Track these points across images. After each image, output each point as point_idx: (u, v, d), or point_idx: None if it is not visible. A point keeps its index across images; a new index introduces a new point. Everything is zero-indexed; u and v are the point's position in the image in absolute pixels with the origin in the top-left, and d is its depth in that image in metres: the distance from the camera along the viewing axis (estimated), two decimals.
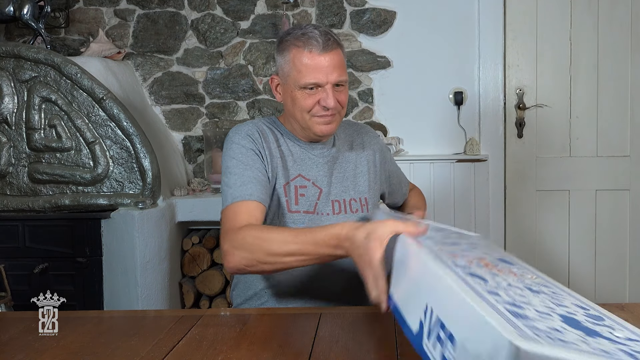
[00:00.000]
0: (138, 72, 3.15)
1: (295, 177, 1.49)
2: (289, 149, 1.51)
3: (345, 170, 1.56)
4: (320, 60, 1.40)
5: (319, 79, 1.40)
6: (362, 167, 1.59)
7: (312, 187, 1.50)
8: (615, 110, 3.06)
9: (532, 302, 0.72)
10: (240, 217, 1.32)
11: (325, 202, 1.50)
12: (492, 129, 3.07)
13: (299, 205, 1.48)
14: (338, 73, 1.42)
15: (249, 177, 1.39)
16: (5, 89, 2.50)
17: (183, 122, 3.17)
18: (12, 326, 1.09)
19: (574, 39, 3.05)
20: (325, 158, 1.53)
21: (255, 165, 1.42)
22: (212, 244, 2.84)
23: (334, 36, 1.43)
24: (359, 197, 1.55)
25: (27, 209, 2.51)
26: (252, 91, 3.13)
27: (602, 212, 3.10)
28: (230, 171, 1.41)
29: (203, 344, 0.97)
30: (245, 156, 1.43)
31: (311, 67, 1.40)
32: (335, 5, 3.07)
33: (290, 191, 1.48)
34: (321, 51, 1.40)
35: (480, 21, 3.02)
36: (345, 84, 1.45)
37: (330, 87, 1.41)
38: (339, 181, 1.54)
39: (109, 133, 2.49)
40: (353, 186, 1.55)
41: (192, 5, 3.12)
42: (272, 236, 1.18)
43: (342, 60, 1.44)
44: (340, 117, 1.49)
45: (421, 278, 0.80)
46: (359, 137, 1.64)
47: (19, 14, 2.72)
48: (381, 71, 3.08)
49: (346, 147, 1.60)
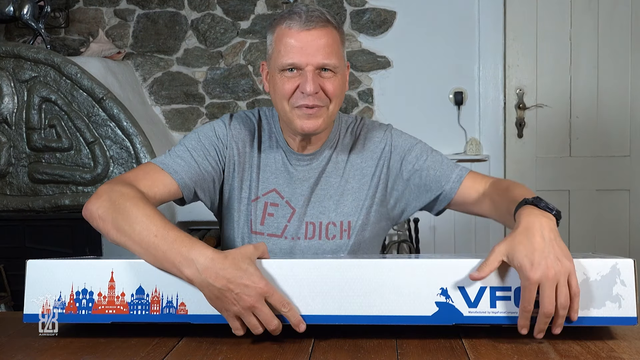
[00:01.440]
0: (138, 72, 3.15)
1: (268, 192, 1.31)
2: (272, 156, 1.32)
3: (330, 187, 1.32)
4: (301, 37, 1.19)
5: (296, 59, 1.19)
6: (354, 182, 1.32)
7: (285, 206, 1.30)
8: (615, 110, 3.06)
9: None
10: (144, 180, 1.17)
11: (297, 224, 1.30)
12: (492, 129, 3.07)
13: (265, 226, 1.30)
14: (323, 54, 1.19)
15: (189, 158, 1.25)
16: (5, 89, 2.50)
17: (183, 122, 3.17)
18: (12, 326, 1.09)
19: (574, 39, 3.05)
20: (311, 171, 1.32)
21: (206, 159, 1.28)
22: (212, 244, 2.84)
23: (326, 14, 1.22)
24: (339, 221, 1.30)
25: (27, 209, 2.51)
26: (252, 91, 3.13)
27: (602, 212, 3.10)
28: (183, 142, 1.29)
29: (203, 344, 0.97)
30: (205, 144, 1.29)
31: (289, 45, 1.19)
32: (335, 5, 3.07)
33: (258, 209, 1.30)
34: (301, 27, 1.19)
35: (480, 21, 3.03)
36: (335, 70, 1.22)
37: (312, 71, 1.19)
38: (318, 200, 1.31)
39: (109, 133, 2.49)
40: (335, 207, 1.31)
41: (192, 5, 3.12)
42: (135, 214, 1.02)
43: (331, 40, 1.21)
44: (328, 113, 1.24)
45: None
46: (361, 140, 1.36)
47: (19, 14, 2.72)
48: (381, 71, 3.08)
49: (343, 156, 1.34)
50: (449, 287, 0.94)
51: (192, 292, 0.96)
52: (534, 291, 0.89)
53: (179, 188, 1.24)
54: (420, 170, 1.31)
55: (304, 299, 0.96)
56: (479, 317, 0.94)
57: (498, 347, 0.93)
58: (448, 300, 0.94)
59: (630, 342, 0.94)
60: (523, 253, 0.89)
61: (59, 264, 1.01)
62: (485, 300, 0.93)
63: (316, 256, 1.03)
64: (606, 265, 0.93)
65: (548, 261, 0.88)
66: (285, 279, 0.96)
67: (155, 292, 0.98)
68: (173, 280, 0.97)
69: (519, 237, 0.91)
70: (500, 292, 0.94)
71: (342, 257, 1.00)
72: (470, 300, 0.94)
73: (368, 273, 0.95)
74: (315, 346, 0.96)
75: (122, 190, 1.09)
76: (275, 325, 0.93)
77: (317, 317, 0.96)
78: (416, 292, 0.94)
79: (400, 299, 0.94)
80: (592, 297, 0.92)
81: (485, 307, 0.94)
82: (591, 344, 0.94)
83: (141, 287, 0.98)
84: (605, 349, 0.92)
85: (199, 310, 0.97)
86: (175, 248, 0.95)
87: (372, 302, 0.95)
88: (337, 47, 1.23)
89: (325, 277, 0.96)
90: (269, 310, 0.92)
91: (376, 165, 1.33)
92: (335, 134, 1.35)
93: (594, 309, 0.92)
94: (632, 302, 0.92)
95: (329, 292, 0.95)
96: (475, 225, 3.04)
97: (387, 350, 0.93)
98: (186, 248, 0.95)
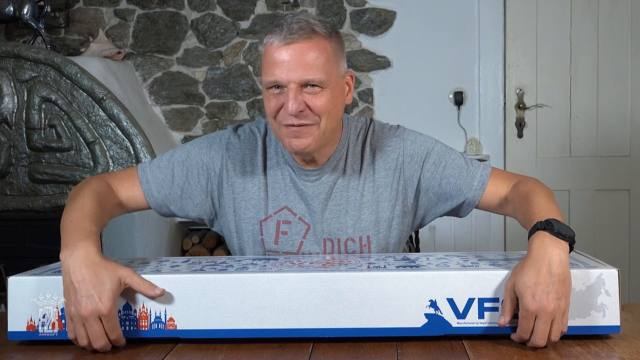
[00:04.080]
0: (138, 72, 3.15)
1: (279, 210, 1.26)
2: (280, 172, 1.27)
3: (347, 201, 1.25)
4: (281, 53, 1.12)
5: (277, 76, 1.13)
6: (369, 195, 1.26)
7: (298, 222, 1.26)
8: (615, 110, 3.06)
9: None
10: (122, 183, 1.25)
11: (313, 241, 1.26)
12: (492, 129, 3.07)
13: (279, 244, 1.26)
14: (305, 70, 1.12)
15: (168, 173, 1.27)
16: (5, 89, 2.50)
17: (183, 122, 3.17)
18: None
19: (574, 39, 3.05)
20: (321, 186, 1.25)
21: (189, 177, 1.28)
22: (212, 244, 2.84)
23: (313, 23, 1.14)
24: (358, 236, 1.25)
25: (27, 209, 2.51)
26: (252, 91, 3.13)
27: (602, 212, 3.10)
28: (173, 153, 1.30)
29: (203, 344, 0.97)
30: (190, 164, 1.28)
31: (271, 62, 1.13)
32: (335, 5, 3.07)
33: (270, 227, 1.26)
34: (281, 41, 1.12)
35: (480, 21, 3.02)
36: (322, 85, 1.14)
37: (294, 89, 1.12)
38: (335, 216, 1.25)
39: (109, 133, 2.49)
40: (354, 222, 1.25)
41: (192, 5, 3.12)
42: (78, 201, 1.10)
43: (317, 53, 1.13)
44: (320, 130, 1.16)
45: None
46: (373, 149, 1.28)
47: (19, 14, 2.72)
48: (381, 71, 3.08)
49: (355, 167, 1.27)
50: (437, 299, 0.95)
51: (181, 307, 0.97)
52: (532, 322, 0.90)
53: (145, 199, 1.28)
54: (440, 178, 1.27)
55: (294, 313, 0.96)
56: (468, 327, 0.95)
57: (498, 347, 0.93)
58: (437, 312, 0.95)
59: (631, 342, 0.95)
60: (527, 284, 0.90)
61: (42, 280, 0.98)
62: (474, 311, 0.95)
63: (304, 268, 1.01)
64: (591, 276, 0.95)
65: (549, 297, 0.89)
66: (274, 294, 0.96)
67: (143, 308, 0.97)
68: (161, 298, 0.97)
69: (526, 268, 0.91)
70: (489, 303, 0.96)
71: (331, 270, 0.99)
72: (459, 312, 0.95)
73: (357, 286, 0.96)
74: (315, 346, 0.96)
75: (93, 182, 1.20)
76: (101, 345, 0.93)
77: (307, 330, 0.96)
78: (406, 305, 0.95)
79: (390, 311, 0.95)
80: (578, 307, 0.94)
81: (473, 318, 0.95)
82: (591, 344, 0.94)
83: (128, 303, 0.98)
84: (605, 349, 0.92)
85: (189, 326, 0.97)
86: (73, 233, 1.00)
87: (362, 315, 0.95)
88: (326, 60, 1.14)
89: (315, 291, 0.96)
90: (99, 329, 0.92)
91: (392, 176, 1.27)
92: (344, 143, 1.27)
93: (579, 318, 0.94)
94: (615, 312, 0.94)
95: (319, 306, 0.96)
96: (475, 225, 3.04)
97: (387, 350, 0.93)
98: (79, 237, 0.98)
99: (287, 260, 1.09)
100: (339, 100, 1.20)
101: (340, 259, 1.11)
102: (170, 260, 1.13)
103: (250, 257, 1.17)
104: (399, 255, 1.13)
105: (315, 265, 1.04)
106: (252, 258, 1.15)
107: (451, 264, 1.02)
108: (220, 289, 0.97)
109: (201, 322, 0.97)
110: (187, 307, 0.96)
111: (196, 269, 1.02)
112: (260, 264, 1.06)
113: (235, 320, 0.96)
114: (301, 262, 1.07)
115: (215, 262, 1.09)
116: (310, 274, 0.97)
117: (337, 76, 1.18)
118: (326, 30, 1.16)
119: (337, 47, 1.19)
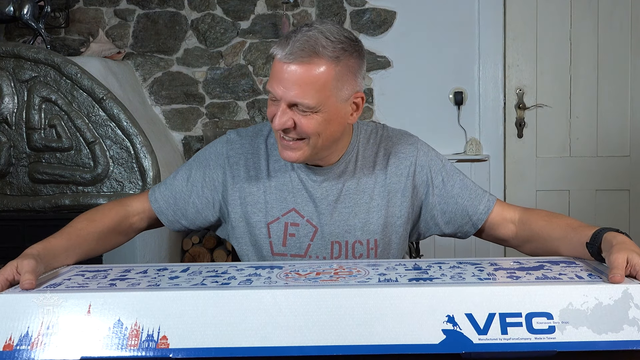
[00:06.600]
0: (138, 72, 3.15)
1: (287, 212, 1.26)
2: (288, 174, 1.26)
3: (355, 204, 1.25)
4: (280, 69, 1.12)
5: (273, 89, 1.14)
6: (379, 199, 1.26)
7: (306, 225, 1.25)
8: (615, 110, 3.06)
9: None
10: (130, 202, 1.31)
11: (320, 243, 1.26)
12: (492, 129, 3.07)
13: (287, 247, 1.25)
14: (297, 93, 1.11)
15: (175, 190, 1.31)
16: (5, 89, 2.49)
17: (183, 122, 3.17)
18: None
19: (574, 39, 3.05)
20: (330, 188, 1.25)
21: (193, 191, 1.30)
22: (212, 243, 2.84)
23: (319, 45, 1.10)
24: (366, 239, 1.25)
25: (27, 209, 2.51)
26: (252, 91, 3.13)
27: (602, 212, 3.10)
28: (179, 170, 1.34)
29: None
30: (196, 175, 1.30)
31: (272, 72, 1.14)
32: (335, 5, 3.07)
33: (278, 230, 1.25)
34: (282, 58, 1.12)
35: (480, 21, 3.03)
36: (312, 110, 1.12)
37: (284, 107, 1.13)
38: (343, 218, 1.25)
39: (109, 133, 2.49)
40: (362, 225, 1.25)
41: (192, 5, 3.12)
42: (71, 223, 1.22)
43: (313, 78, 1.10)
44: (310, 145, 1.16)
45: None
46: (385, 154, 1.29)
47: (19, 14, 2.71)
48: (381, 71, 3.08)
49: (366, 170, 1.27)
50: (455, 314, 0.90)
51: (176, 324, 0.90)
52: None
53: (157, 213, 1.32)
54: (447, 197, 1.29)
55: (299, 329, 0.90)
56: (491, 344, 0.89)
57: None
58: (456, 327, 0.90)
59: None
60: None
61: (30, 297, 0.94)
62: (496, 326, 0.90)
63: (312, 281, 0.97)
64: (617, 290, 0.92)
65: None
66: (279, 309, 0.91)
67: (135, 326, 0.91)
68: (156, 312, 0.91)
69: (631, 246, 1.00)
70: (511, 318, 0.91)
71: (340, 285, 0.95)
72: (480, 327, 0.90)
73: (369, 302, 0.91)
74: None
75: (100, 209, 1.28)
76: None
77: (314, 348, 0.90)
78: (421, 320, 0.90)
79: (404, 327, 0.90)
80: (608, 321, 0.91)
81: (496, 334, 0.90)
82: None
83: (120, 320, 0.91)
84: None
85: (183, 344, 0.89)
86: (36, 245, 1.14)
87: (374, 331, 0.90)
88: (322, 85, 1.11)
89: (323, 307, 0.91)
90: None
91: (404, 182, 1.27)
92: (354, 146, 1.27)
93: (611, 332, 0.90)
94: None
95: (327, 322, 0.90)
96: None
97: None
98: (31, 250, 1.12)
99: (293, 270, 1.05)
100: (335, 123, 1.17)
101: (348, 268, 1.06)
102: (169, 268, 1.09)
103: (253, 265, 1.11)
104: (409, 262, 1.09)
105: (323, 276, 1.00)
106: (255, 266, 1.10)
107: (466, 275, 0.99)
108: (221, 305, 0.91)
109: (197, 340, 0.90)
110: (183, 323, 0.90)
111: (197, 282, 0.98)
112: (264, 274, 1.02)
113: (235, 338, 0.90)
114: (307, 273, 1.02)
115: (216, 272, 1.04)
116: (319, 290, 0.93)
117: (336, 101, 1.15)
118: (333, 53, 1.12)
119: (344, 70, 1.14)
